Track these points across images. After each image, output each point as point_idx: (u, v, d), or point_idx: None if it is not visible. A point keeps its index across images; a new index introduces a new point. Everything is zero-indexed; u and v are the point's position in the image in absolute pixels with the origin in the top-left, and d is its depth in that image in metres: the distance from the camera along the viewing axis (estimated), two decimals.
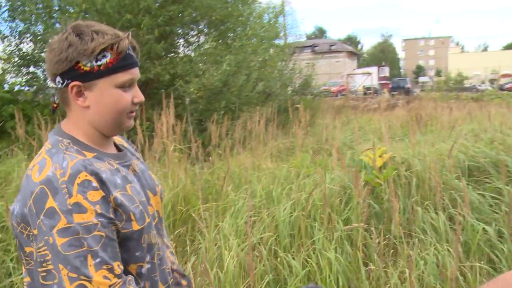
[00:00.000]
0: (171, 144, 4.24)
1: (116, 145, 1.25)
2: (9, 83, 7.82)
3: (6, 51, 7.85)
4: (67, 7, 7.57)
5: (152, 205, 1.22)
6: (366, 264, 2.81)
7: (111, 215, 1.03)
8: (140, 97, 1.15)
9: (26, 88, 8.14)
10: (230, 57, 7.46)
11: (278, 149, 5.92)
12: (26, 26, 7.58)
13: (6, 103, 7.11)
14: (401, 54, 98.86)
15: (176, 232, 3.33)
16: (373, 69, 42.42)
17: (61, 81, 1.09)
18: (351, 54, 57.78)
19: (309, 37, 61.16)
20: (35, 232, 0.99)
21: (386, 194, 3.54)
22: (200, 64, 7.76)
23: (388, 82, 39.51)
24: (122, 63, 1.10)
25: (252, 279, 2.31)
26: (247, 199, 3.63)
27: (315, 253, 2.81)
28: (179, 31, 8.79)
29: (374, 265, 2.72)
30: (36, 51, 7.83)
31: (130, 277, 1.04)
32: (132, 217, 1.08)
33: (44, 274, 0.97)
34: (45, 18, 7.49)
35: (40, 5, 7.46)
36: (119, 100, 1.11)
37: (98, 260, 0.97)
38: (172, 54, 8.56)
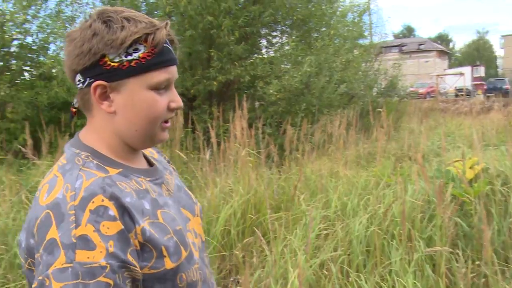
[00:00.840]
0: (244, 148, 4.15)
1: (146, 157, 1.03)
2: None
3: None
4: (155, 11, 7.82)
5: (191, 230, 1.00)
6: None
7: (129, 257, 0.79)
8: (178, 101, 0.94)
9: None
10: (311, 58, 7.26)
11: (358, 155, 5.63)
12: None
13: None
14: (499, 52, 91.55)
15: (245, 241, 3.22)
16: (466, 69, 39.65)
17: (81, 80, 0.88)
18: (442, 53, 54.67)
19: (396, 36, 58.87)
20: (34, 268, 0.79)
21: (477, 212, 3.16)
22: (282, 66, 7.64)
23: (483, 82, 36.73)
24: (159, 59, 0.88)
25: None
26: (320, 209, 3.45)
27: (391, 275, 2.55)
28: (263, 31, 8.76)
29: None
30: None
31: None
32: (165, 253, 0.86)
33: None
34: None
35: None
36: (152, 105, 0.89)
37: None
38: (255, 55, 8.55)
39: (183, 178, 4.95)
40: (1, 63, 6.94)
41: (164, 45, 0.89)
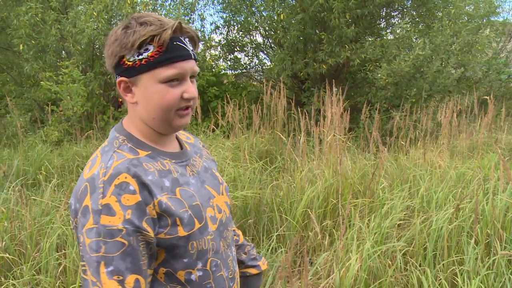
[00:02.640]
0: (335, 132, 4.17)
1: (179, 141, 1.21)
2: (214, 68, 8.77)
3: (216, 40, 8.85)
4: None
5: (214, 206, 1.15)
6: None
7: (144, 224, 0.97)
8: (190, 92, 1.05)
9: (230, 72, 9.05)
10: (424, 40, 6.85)
11: (468, 145, 5.25)
12: (230, 15, 8.39)
13: (211, 85, 8.02)
14: None
15: (322, 224, 3.30)
16: None
17: (114, 76, 1.07)
18: None
19: None
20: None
21: None
22: (393, 50, 7.29)
23: None
24: (165, 56, 1.01)
25: None
26: (405, 199, 3.37)
27: (462, 274, 2.43)
28: (383, 12, 8.44)
29: None
30: (239, 37, 8.63)
31: None
32: (178, 222, 1.02)
33: (84, 268, 0.97)
34: (245, 9, 8.15)
35: None
36: (163, 96, 1.03)
37: (110, 268, 0.93)
38: (369, 38, 8.31)
39: (281, 158, 5.13)
40: None
41: (175, 43, 1.02)
